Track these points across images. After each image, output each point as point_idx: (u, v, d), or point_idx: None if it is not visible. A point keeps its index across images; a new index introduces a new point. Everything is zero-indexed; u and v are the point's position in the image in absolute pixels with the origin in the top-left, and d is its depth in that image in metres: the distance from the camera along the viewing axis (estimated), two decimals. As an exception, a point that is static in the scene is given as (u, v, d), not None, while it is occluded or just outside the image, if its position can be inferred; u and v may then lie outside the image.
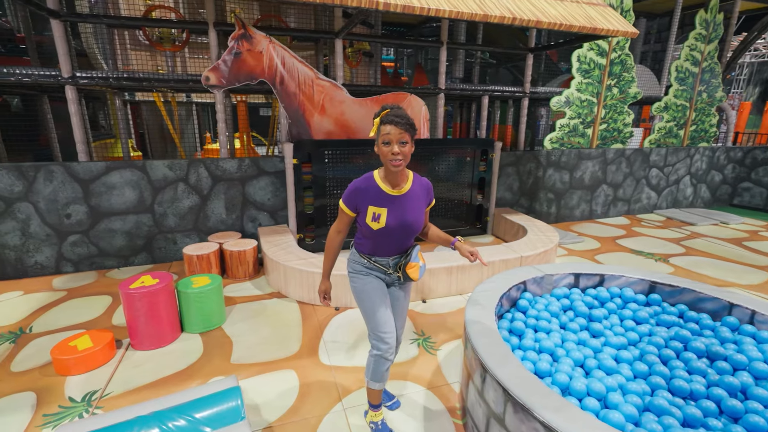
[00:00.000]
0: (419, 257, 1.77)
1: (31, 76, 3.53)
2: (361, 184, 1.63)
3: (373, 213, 1.62)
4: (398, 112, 1.53)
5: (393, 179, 1.62)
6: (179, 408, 1.50)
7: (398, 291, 1.86)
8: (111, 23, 4.06)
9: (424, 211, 1.73)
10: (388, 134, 1.51)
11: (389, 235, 1.66)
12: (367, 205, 1.62)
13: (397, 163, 1.53)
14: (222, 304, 2.96)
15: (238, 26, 3.73)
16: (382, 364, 1.75)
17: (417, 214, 1.68)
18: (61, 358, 2.32)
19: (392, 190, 1.63)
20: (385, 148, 1.54)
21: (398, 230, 1.65)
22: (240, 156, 5.08)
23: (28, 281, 3.64)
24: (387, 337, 1.71)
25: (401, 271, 1.75)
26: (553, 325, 2.25)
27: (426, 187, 1.75)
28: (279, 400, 2.15)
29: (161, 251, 4.09)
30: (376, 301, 1.73)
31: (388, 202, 1.62)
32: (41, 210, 3.63)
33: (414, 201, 1.68)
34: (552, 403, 1.43)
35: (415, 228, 1.69)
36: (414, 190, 1.68)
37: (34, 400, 2.13)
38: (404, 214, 1.64)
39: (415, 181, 1.71)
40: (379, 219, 1.61)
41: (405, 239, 1.72)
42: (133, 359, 2.52)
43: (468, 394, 1.90)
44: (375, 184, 1.63)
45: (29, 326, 2.87)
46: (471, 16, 3.18)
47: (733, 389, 1.72)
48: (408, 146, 1.54)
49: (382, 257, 1.73)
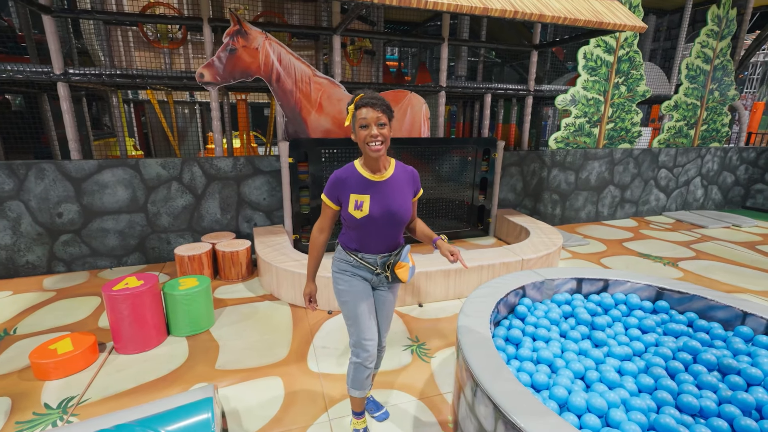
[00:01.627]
0: (409, 258, 1.67)
1: (23, 72, 3.48)
2: (341, 174, 1.57)
3: (356, 201, 1.54)
4: (373, 95, 1.47)
5: (373, 165, 1.55)
6: (144, 421, 1.41)
7: (386, 293, 1.77)
8: (104, 19, 4.01)
9: (410, 200, 1.65)
10: (364, 118, 1.45)
11: (374, 226, 1.57)
12: (349, 193, 1.55)
13: (377, 148, 1.46)
14: (210, 306, 2.87)
15: (233, 22, 3.65)
16: (361, 372, 1.67)
17: (402, 201, 1.60)
18: (39, 362, 2.24)
19: (373, 176, 1.56)
20: (362, 132, 1.47)
21: (383, 219, 1.57)
22: (241, 155, 5.00)
23: (19, 281, 3.59)
24: (368, 345, 1.64)
25: (390, 270, 1.66)
26: (553, 334, 2.12)
27: (411, 174, 1.66)
28: (262, 410, 2.05)
29: (154, 251, 4.02)
30: (360, 306, 1.64)
31: (371, 188, 1.55)
32: (32, 209, 3.57)
33: (398, 188, 1.60)
34: (547, 423, 1.31)
35: (401, 217, 1.61)
36: (397, 176, 1.61)
37: (9, 405, 2.05)
38: (388, 201, 1.57)
39: (398, 167, 1.63)
40: (362, 207, 1.53)
41: (392, 231, 1.63)
42: (116, 363, 2.43)
43: (459, 407, 1.78)
44: (356, 171, 1.57)
45: (14, 328, 2.80)
46: (470, 9, 3.06)
47: (747, 407, 1.57)
48: (387, 128, 1.48)
49: (369, 254, 1.64)
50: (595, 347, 2.07)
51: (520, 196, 5.43)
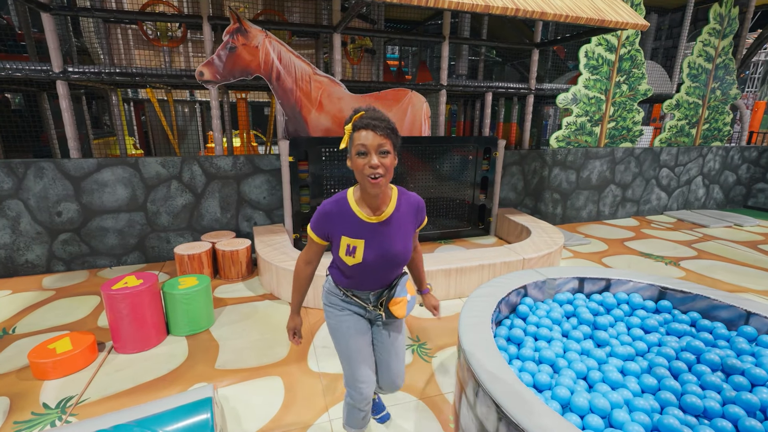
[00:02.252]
0: (407, 288, 1.47)
1: (22, 70, 3.46)
2: (331, 207, 1.32)
3: (348, 245, 1.31)
4: (375, 114, 1.23)
5: (372, 202, 1.30)
6: (143, 421, 1.39)
7: (382, 331, 1.54)
8: (103, 17, 3.99)
9: (411, 238, 1.43)
10: (363, 144, 1.19)
11: (368, 271, 1.36)
12: (340, 235, 1.32)
13: (377, 181, 1.21)
14: (210, 305, 2.85)
15: (233, 20, 3.63)
16: (355, 414, 1.54)
17: (403, 244, 1.37)
18: (38, 362, 2.23)
19: (370, 217, 1.31)
20: (360, 161, 1.21)
21: (379, 265, 1.36)
22: (241, 154, 4.98)
23: (18, 280, 3.57)
24: (362, 388, 1.46)
25: (383, 308, 1.44)
26: (555, 333, 2.10)
27: (415, 206, 1.41)
28: (262, 409, 2.03)
29: (154, 250, 4.01)
30: (351, 345, 1.46)
31: (366, 231, 1.31)
32: (31, 207, 3.56)
33: (399, 227, 1.36)
34: (550, 424, 1.29)
35: (401, 260, 1.39)
36: (399, 213, 1.36)
37: (7, 405, 2.04)
38: (387, 246, 1.34)
39: (400, 200, 1.37)
40: (355, 253, 1.31)
41: (388, 273, 1.42)
42: (115, 363, 2.42)
43: (461, 407, 1.77)
44: (348, 208, 1.31)
45: (12, 327, 2.79)
46: (472, 7, 3.04)
47: (752, 407, 1.56)
48: (390, 157, 1.22)
49: (361, 291, 1.45)
50: (598, 347, 2.05)
51: (521, 195, 5.41)
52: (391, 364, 1.56)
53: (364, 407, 1.52)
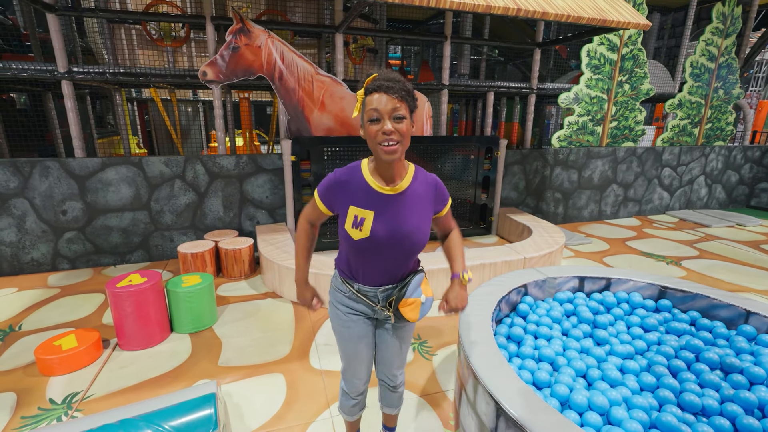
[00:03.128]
0: (422, 289, 1.33)
1: (28, 70, 3.50)
2: (342, 175, 1.22)
3: (355, 216, 1.20)
4: (390, 75, 1.11)
5: (385, 171, 1.19)
6: (148, 416, 1.42)
7: (388, 334, 1.42)
8: (107, 17, 4.02)
9: (429, 220, 1.30)
10: (376, 109, 1.08)
11: (376, 251, 1.22)
12: (348, 204, 1.21)
13: (392, 148, 1.09)
14: (213, 303, 2.88)
15: (236, 20, 3.66)
16: (347, 400, 1.54)
17: (418, 223, 1.24)
18: (44, 358, 2.26)
19: (384, 188, 1.20)
20: (373, 127, 1.10)
21: (389, 244, 1.22)
22: (243, 153, 5.01)
23: (24, 278, 3.61)
24: (355, 382, 1.49)
25: (393, 308, 1.31)
26: (555, 332, 2.12)
27: (433, 184, 1.29)
28: (264, 406, 2.06)
29: (158, 249, 4.04)
30: (351, 349, 1.40)
31: (377, 202, 1.20)
32: (37, 206, 3.60)
33: (415, 204, 1.24)
34: (548, 421, 1.31)
35: (414, 242, 1.24)
36: (415, 188, 1.24)
37: (14, 401, 2.07)
38: (399, 222, 1.21)
39: (418, 176, 1.26)
40: (363, 225, 1.19)
41: (399, 259, 1.28)
42: (119, 360, 2.45)
43: (461, 404, 1.79)
44: (361, 176, 1.21)
45: (19, 324, 2.82)
46: (473, 7, 3.05)
47: (750, 405, 1.57)
48: (406, 122, 1.11)
49: (367, 286, 1.31)
50: (597, 345, 2.06)
51: (522, 195, 5.42)
52: (393, 364, 1.50)
53: (356, 397, 1.52)
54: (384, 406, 1.61)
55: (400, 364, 1.51)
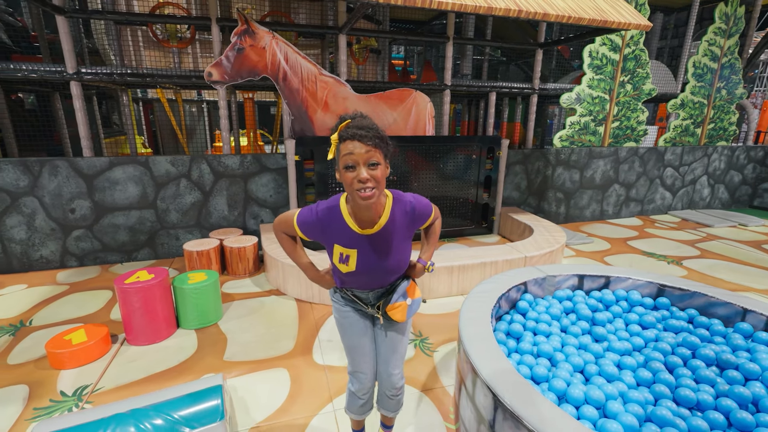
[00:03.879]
0: (408, 292, 1.43)
1: (38, 71, 3.57)
2: (323, 215, 1.26)
3: (341, 254, 1.28)
4: (362, 122, 1.14)
5: (363, 215, 1.23)
6: (158, 406, 1.47)
7: (383, 331, 1.50)
8: (116, 19, 4.09)
9: (410, 240, 1.39)
10: (350, 154, 1.10)
11: (363, 276, 1.35)
12: (333, 243, 1.28)
13: (368, 194, 1.12)
14: (218, 300, 2.94)
15: (241, 22, 3.71)
16: (354, 401, 1.57)
17: (399, 254, 1.34)
18: (55, 352, 2.32)
19: (363, 230, 1.26)
20: (349, 174, 1.12)
21: (373, 272, 1.34)
22: (248, 153, 5.07)
23: (33, 275, 3.69)
24: (362, 378, 1.52)
25: (381, 312, 1.41)
26: (554, 329, 2.16)
27: (410, 212, 1.31)
28: (269, 400, 2.11)
29: (164, 247, 4.11)
30: (353, 340, 1.49)
31: (359, 242, 1.26)
32: (46, 204, 3.67)
33: (394, 237, 1.29)
34: (544, 412, 1.35)
35: (397, 268, 1.36)
36: (393, 223, 1.29)
37: (27, 393, 2.14)
38: (381, 256, 1.29)
39: (395, 209, 1.29)
40: (348, 262, 1.28)
41: (385, 278, 1.39)
42: (128, 354, 2.51)
43: (460, 398, 1.83)
44: (341, 219, 1.25)
45: (29, 319, 2.89)
46: (475, 9, 3.09)
47: (744, 400, 1.60)
48: (380, 168, 1.14)
49: (361, 290, 1.43)
50: (595, 342, 2.10)
51: (524, 195, 5.45)
52: (390, 362, 1.52)
53: (363, 396, 1.55)
54: (382, 408, 1.63)
55: (396, 363, 1.52)
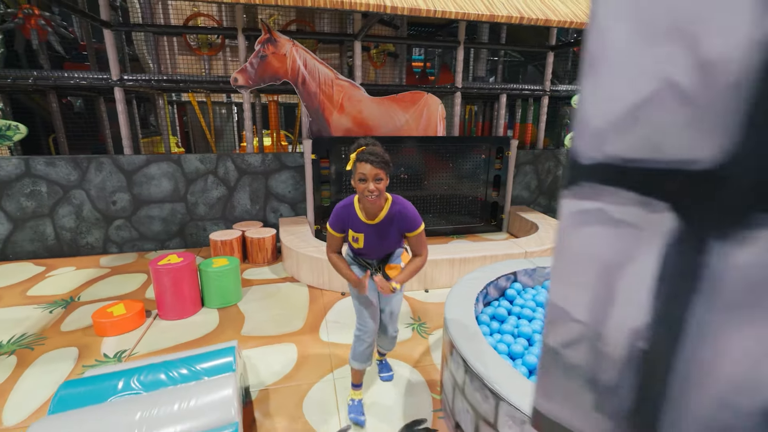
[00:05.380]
0: (402, 259, 1.91)
1: (86, 79, 4.03)
2: (342, 212, 1.79)
3: (353, 236, 1.82)
4: (373, 150, 1.61)
5: (369, 210, 1.75)
6: (183, 359, 1.78)
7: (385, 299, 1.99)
8: (155, 31, 4.52)
9: (397, 239, 1.85)
10: (363, 173, 1.60)
11: (368, 251, 1.87)
12: (349, 228, 1.82)
13: (373, 199, 1.65)
14: (239, 283, 3.26)
15: (264, 31, 4.05)
16: (360, 344, 1.90)
17: (390, 241, 1.85)
18: (100, 321, 2.70)
19: (368, 220, 1.79)
20: (361, 185, 1.63)
21: (376, 248, 1.86)
22: (269, 152, 5.43)
23: (80, 259, 4.15)
24: (367, 320, 1.90)
25: (381, 271, 1.91)
26: (538, 314, 2.33)
27: (397, 217, 1.77)
28: (278, 368, 2.39)
29: (192, 237, 4.51)
30: (362, 300, 1.91)
31: (365, 228, 1.79)
32: (92, 197, 4.13)
33: (388, 228, 1.81)
34: (504, 374, 1.56)
35: (390, 248, 1.90)
36: (387, 218, 1.78)
37: (77, 354, 2.51)
38: (379, 240, 1.82)
39: (391, 209, 1.78)
40: (358, 241, 1.83)
41: (383, 253, 1.92)
42: (159, 327, 2.86)
43: (443, 368, 2.05)
44: (354, 212, 1.79)
45: (78, 296, 3.31)
46: (477, 16, 3.29)
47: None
48: (383, 182, 1.64)
49: (366, 258, 1.95)
50: (575, 327, 2.26)
51: (534, 194, 5.55)
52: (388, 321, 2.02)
53: (367, 338, 1.89)
54: (380, 347, 2.16)
55: (392, 321, 2.04)
